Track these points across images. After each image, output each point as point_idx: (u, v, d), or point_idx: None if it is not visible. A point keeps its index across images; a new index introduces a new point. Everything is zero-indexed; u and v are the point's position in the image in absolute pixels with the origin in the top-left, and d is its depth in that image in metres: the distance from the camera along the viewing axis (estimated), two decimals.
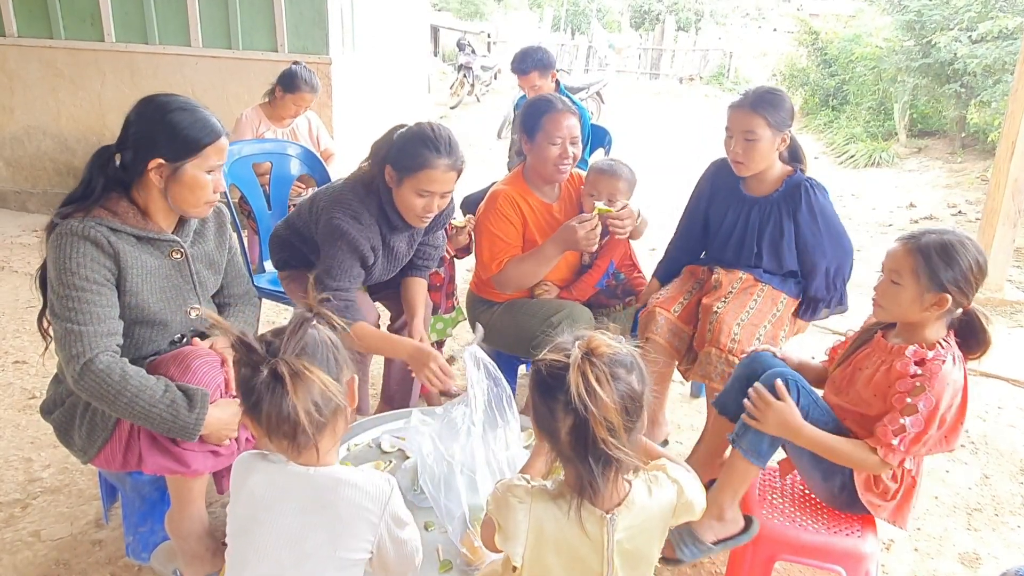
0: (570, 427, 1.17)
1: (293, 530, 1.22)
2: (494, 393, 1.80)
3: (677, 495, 1.28)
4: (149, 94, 1.69)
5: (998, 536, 2.37)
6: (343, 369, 1.26)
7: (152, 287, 1.70)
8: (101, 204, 1.64)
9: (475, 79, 11.77)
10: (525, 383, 2.98)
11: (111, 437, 1.67)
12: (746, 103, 2.24)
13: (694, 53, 19.32)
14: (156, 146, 1.62)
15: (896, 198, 7.28)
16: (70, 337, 1.55)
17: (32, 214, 5.21)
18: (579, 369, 1.13)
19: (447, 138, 2.12)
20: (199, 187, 1.66)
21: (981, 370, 3.52)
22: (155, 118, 1.63)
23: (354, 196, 2.20)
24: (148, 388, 1.56)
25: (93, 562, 2.00)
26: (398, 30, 6.58)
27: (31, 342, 3.25)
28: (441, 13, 19.84)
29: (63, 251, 1.57)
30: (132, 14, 4.76)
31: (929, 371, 1.59)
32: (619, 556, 1.24)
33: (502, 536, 1.26)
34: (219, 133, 1.66)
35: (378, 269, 2.34)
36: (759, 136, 2.21)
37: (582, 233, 2.31)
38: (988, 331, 1.65)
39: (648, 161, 6.80)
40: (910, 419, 1.58)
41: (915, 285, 1.62)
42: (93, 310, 1.57)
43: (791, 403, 1.69)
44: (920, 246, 1.62)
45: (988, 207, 4.54)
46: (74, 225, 1.58)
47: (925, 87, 8.96)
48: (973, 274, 1.61)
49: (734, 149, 2.27)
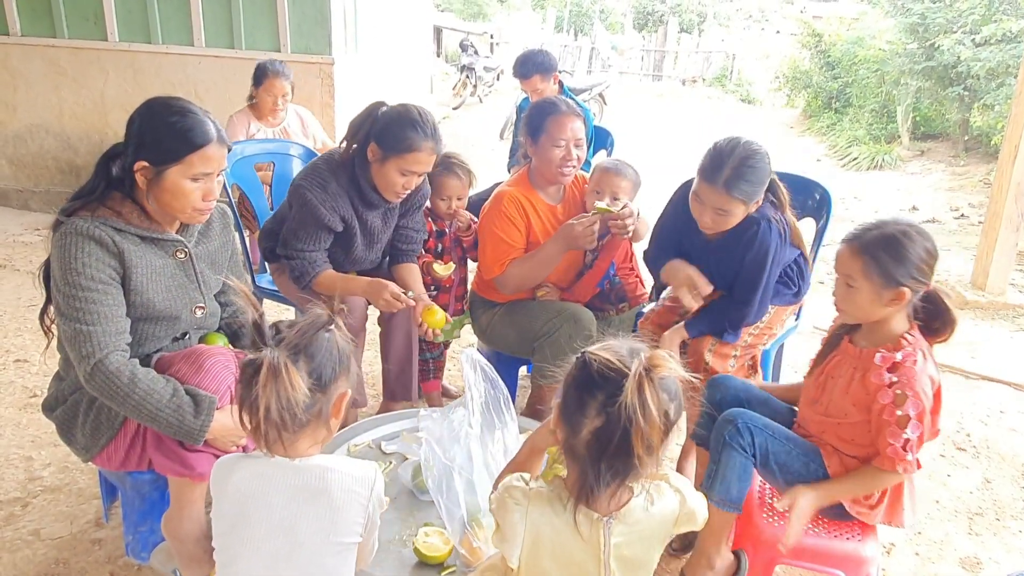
0: (597, 428, 1.15)
1: (285, 520, 1.24)
2: (491, 395, 1.80)
3: (680, 504, 1.28)
4: (157, 95, 1.69)
5: (999, 540, 2.36)
6: (337, 381, 1.26)
7: (158, 286, 1.70)
8: (106, 204, 1.64)
9: (477, 80, 11.78)
10: (526, 384, 2.98)
11: (116, 436, 1.68)
12: (720, 182, 1.97)
13: (697, 55, 19.32)
14: (143, 148, 1.61)
15: (898, 201, 7.28)
16: (79, 337, 1.56)
17: (34, 212, 5.21)
18: (638, 381, 1.12)
19: (432, 122, 2.26)
20: (181, 194, 1.63)
21: (983, 374, 3.51)
22: (147, 120, 1.62)
23: (325, 166, 2.34)
24: (156, 392, 1.57)
25: (93, 561, 2.00)
26: (401, 30, 6.59)
27: (32, 340, 3.26)
28: (444, 14, 19.86)
29: (68, 250, 1.57)
30: (135, 13, 4.77)
31: (905, 375, 1.60)
32: (616, 561, 1.23)
33: (499, 536, 1.27)
34: (205, 141, 1.62)
35: (359, 247, 2.43)
36: (733, 213, 2.03)
37: (580, 229, 2.31)
38: (951, 309, 1.64)
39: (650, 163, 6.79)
40: (910, 429, 1.59)
41: (870, 285, 1.61)
42: (100, 310, 1.58)
43: (797, 511, 1.66)
44: (865, 246, 1.62)
45: (991, 210, 4.53)
46: (79, 224, 1.58)
47: (928, 90, 8.96)
48: (925, 262, 1.60)
49: (703, 219, 2.07)
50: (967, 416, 3.13)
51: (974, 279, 4.62)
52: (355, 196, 2.34)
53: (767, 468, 1.74)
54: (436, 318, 2.34)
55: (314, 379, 1.22)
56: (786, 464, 1.73)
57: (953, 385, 3.43)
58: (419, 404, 2.81)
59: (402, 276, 2.54)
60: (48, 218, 5.18)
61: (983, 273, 4.52)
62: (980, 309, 4.38)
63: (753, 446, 1.71)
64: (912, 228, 1.62)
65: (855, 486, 1.70)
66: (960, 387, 3.42)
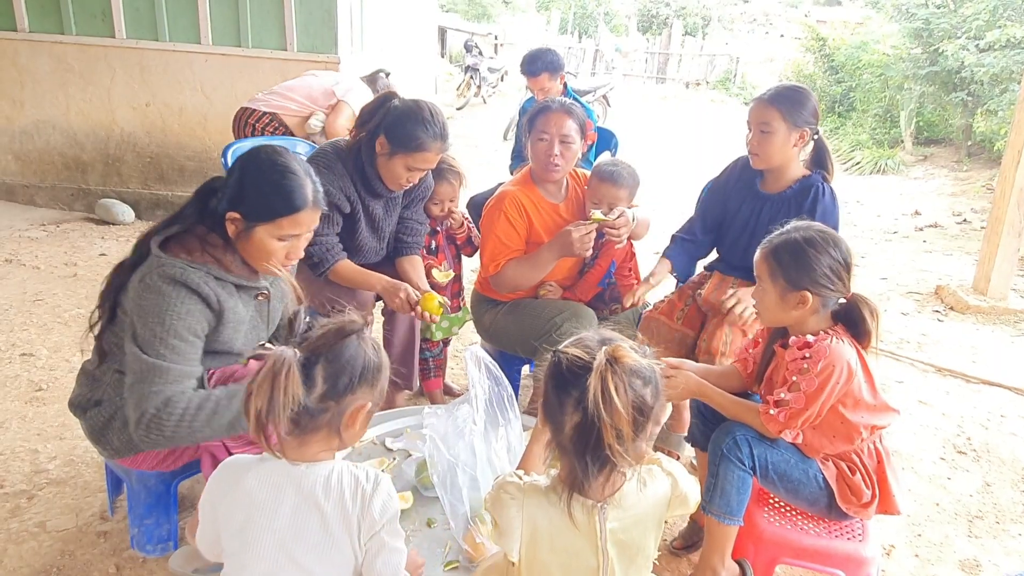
0: (576, 423, 1.18)
1: (297, 523, 1.21)
2: (495, 392, 1.82)
3: (672, 487, 1.31)
4: (265, 144, 1.70)
5: (999, 544, 2.37)
6: (355, 392, 1.20)
7: (239, 332, 1.72)
8: (207, 248, 1.64)
9: (482, 81, 11.79)
10: (528, 383, 3.00)
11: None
12: (764, 96, 2.28)
13: (701, 58, 19.33)
14: (239, 200, 1.63)
15: (901, 205, 7.28)
16: (155, 371, 1.55)
17: (40, 208, 5.23)
18: (600, 375, 1.14)
19: (442, 121, 2.29)
20: (267, 251, 1.65)
21: (984, 378, 3.52)
22: (249, 172, 1.64)
23: (332, 150, 2.38)
24: (205, 410, 1.57)
25: (98, 553, 2.01)
26: (406, 31, 6.61)
27: (38, 335, 3.28)
28: (448, 14, 19.88)
29: (170, 298, 1.55)
30: (143, 11, 4.80)
31: (814, 351, 1.65)
32: (613, 546, 1.25)
33: (498, 532, 1.29)
34: (301, 206, 1.63)
35: (364, 234, 2.46)
36: (773, 129, 2.24)
37: (576, 237, 2.34)
38: (867, 320, 1.68)
39: (653, 165, 6.82)
40: (791, 395, 1.66)
41: (774, 288, 1.71)
42: (187, 353, 1.58)
43: (686, 368, 1.85)
44: (772, 250, 1.72)
45: (993, 216, 4.54)
46: (188, 275, 1.57)
47: (932, 95, 8.97)
48: (831, 269, 1.66)
49: (751, 141, 2.31)
50: (968, 420, 3.14)
51: (976, 284, 4.63)
52: (359, 182, 2.37)
53: (767, 479, 1.76)
54: (434, 304, 2.32)
55: (328, 386, 1.18)
56: (786, 473, 1.75)
57: (954, 389, 3.44)
58: (421, 400, 2.83)
59: (406, 268, 2.56)
60: (54, 214, 5.21)
61: (985, 278, 4.53)
62: (982, 314, 4.39)
63: (752, 457, 1.73)
64: (820, 235, 1.68)
65: (731, 405, 1.79)
66: (961, 391, 3.43)
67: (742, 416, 1.77)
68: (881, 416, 1.72)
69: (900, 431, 2.97)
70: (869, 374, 1.71)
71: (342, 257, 2.39)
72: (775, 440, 1.76)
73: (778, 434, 1.71)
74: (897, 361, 3.72)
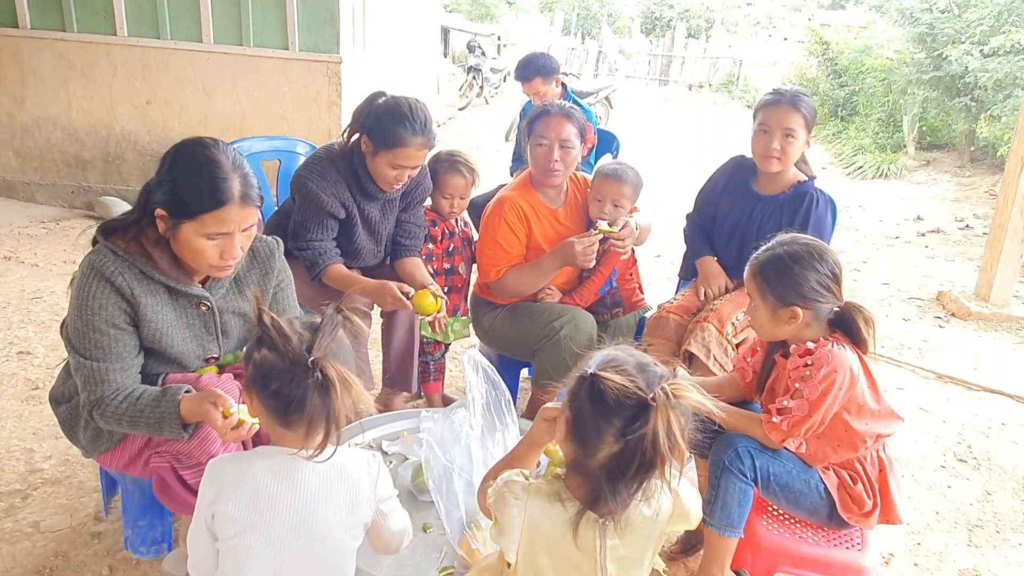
0: (614, 453, 1.14)
1: (305, 518, 1.26)
2: (492, 397, 1.81)
3: (673, 503, 1.29)
4: (198, 136, 1.59)
5: (999, 553, 2.35)
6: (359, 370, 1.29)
7: (173, 337, 1.65)
8: (142, 240, 1.58)
9: (484, 81, 11.80)
10: (527, 387, 2.98)
11: (115, 447, 1.68)
12: (786, 101, 2.27)
13: (704, 60, 19.30)
14: (163, 194, 1.53)
15: (903, 210, 7.25)
16: (84, 371, 1.56)
17: (40, 205, 5.22)
18: (664, 415, 1.11)
19: (423, 117, 2.25)
20: (196, 250, 1.54)
21: (985, 386, 3.50)
22: (173, 165, 1.55)
23: (325, 155, 2.37)
24: (139, 402, 1.56)
25: (92, 554, 2.00)
26: (408, 30, 6.60)
27: (36, 332, 3.27)
28: (452, 15, 19.89)
29: (86, 289, 1.53)
30: (144, 8, 4.78)
31: (816, 358, 1.64)
32: (613, 562, 1.24)
33: (497, 530, 1.27)
34: (222, 202, 1.50)
35: (361, 237, 2.45)
36: (797, 135, 2.26)
37: (579, 249, 2.33)
38: (861, 329, 1.67)
39: (655, 167, 6.80)
40: (794, 402, 1.64)
41: (764, 306, 1.71)
42: (113, 348, 1.56)
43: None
44: (759, 268, 1.72)
45: (996, 222, 4.52)
46: (105, 264, 1.54)
47: (935, 100, 8.94)
48: (820, 283, 1.65)
49: (773, 145, 2.28)
50: (968, 428, 3.12)
51: (978, 290, 4.61)
52: (353, 185, 2.35)
53: (769, 490, 1.75)
54: (427, 301, 2.27)
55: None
56: (788, 484, 1.73)
57: (955, 396, 3.43)
58: (419, 401, 2.81)
59: (406, 271, 2.54)
60: (53, 211, 5.20)
61: (987, 284, 4.51)
62: (983, 321, 4.37)
63: (753, 469, 1.71)
64: (806, 250, 1.67)
65: (732, 416, 1.74)
66: (962, 399, 3.41)
67: (744, 427, 1.75)
68: (886, 423, 1.71)
69: (900, 438, 2.95)
70: (872, 380, 1.70)
71: (334, 261, 2.37)
72: (777, 450, 1.74)
73: (781, 443, 1.69)
74: (898, 367, 3.70)
